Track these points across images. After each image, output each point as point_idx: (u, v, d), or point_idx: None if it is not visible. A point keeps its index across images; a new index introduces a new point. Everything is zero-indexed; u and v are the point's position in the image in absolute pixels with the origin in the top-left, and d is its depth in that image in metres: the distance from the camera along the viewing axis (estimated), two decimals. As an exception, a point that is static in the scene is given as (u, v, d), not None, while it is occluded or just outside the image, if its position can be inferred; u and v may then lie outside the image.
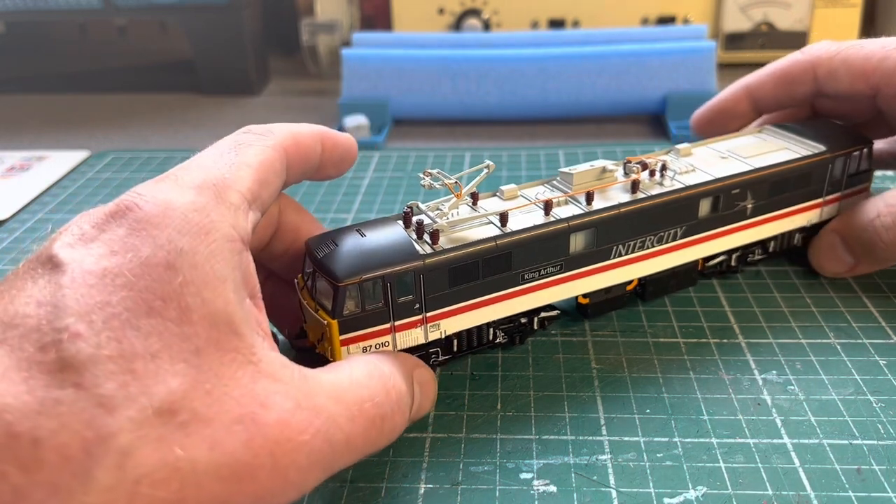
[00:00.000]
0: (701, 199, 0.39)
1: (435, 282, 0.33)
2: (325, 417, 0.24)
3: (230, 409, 0.22)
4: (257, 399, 0.23)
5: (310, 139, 0.32)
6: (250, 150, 0.29)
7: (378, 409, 0.27)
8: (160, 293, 0.23)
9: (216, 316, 0.23)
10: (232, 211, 0.26)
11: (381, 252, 0.33)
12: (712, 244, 0.41)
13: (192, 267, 0.23)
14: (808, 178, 0.43)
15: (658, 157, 0.42)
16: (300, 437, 0.23)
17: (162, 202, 0.25)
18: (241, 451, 0.22)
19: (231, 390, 0.23)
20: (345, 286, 0.31)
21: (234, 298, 0.24)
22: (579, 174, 0.38)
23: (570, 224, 0.36)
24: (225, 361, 0.23)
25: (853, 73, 0.43)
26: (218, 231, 0.25)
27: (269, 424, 0.23)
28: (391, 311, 0.33)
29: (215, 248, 0.24)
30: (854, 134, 0.45)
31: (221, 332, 0.23)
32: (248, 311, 0.25)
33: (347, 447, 0.25)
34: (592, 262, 0.38)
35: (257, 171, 0.28)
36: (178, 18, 0.84)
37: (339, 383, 0.26)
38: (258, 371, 0.24)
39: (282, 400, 0.24)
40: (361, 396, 0.26)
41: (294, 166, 0.31)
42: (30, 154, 0.70)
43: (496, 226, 0.35)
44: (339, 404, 0.25)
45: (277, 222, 0.35)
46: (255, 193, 0.28)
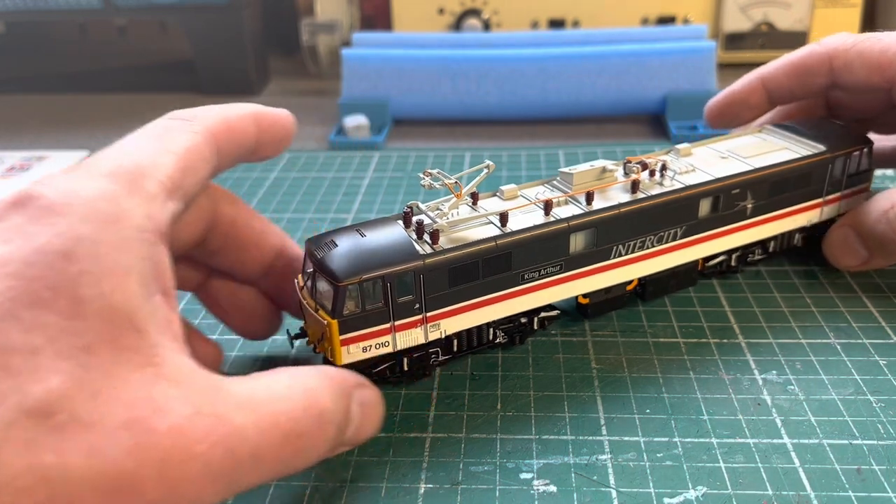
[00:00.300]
0: (701, 199, 0.39)
1: (435, 282, 0.33)
2: (230, 428, 0.22)
3: (117, 413, 0.20)
4: (152, 403, 0.21)
5: (242, 121, 0.30)
6: (174, 135, 0.27)
7: (294, 425, 0.24)
8: (51, 283, 0.21)
9: (114, 311, 0.22)
10: (147, 200, 0.24)
11: (381, 252, 0.33)
12: (712, 244, 0.41)
13: (92, 256, 0.22)
14: (808, 178, 0.43)
15: (658, 157, 0.42)
16: (195, 446, 0.21)
17: (67, 190, 0.23)
18: (125, 460, 0.20)
19: (122, 392, 0.21)
20: (345, 286, 0.31)
21: (138, 293, 0.23)
22: (579, 174, 0.38)
23: (570, 224, 0.36)
24: (119, 361, 0.21)
25: (869, 65, 0.42)
26: (127, 220, 0.23)
27: (160, 431, 0.21)
28: (391, 310, 0.33)
29: (122, 238, 0.23)
30: (854, 134, 0.45)
31: (119, 328, 0.22)
32: (156, 308, 0.23)
33: (255, 462, 0.23)
34: (592, 262, 0.38)
35: (180, 158, 0.27)
36: (178, 18, 0.84)
37: (252, 393, 0.24)
38: (158, 373, 0.22)
39: (180, 406, 0.22)
40: (276, 409, 0.24)
41: (226, 150, 0.30)
42: (30, 154, 0.70)
43: (496, 226, 0.35)
44: (248, 415, 0.23)
45: (211, 216, 0.33)
46: (176, 181, 0.26)
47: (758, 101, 0.48)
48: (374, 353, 0.34)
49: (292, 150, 0.69)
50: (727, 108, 0.49)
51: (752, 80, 0.48)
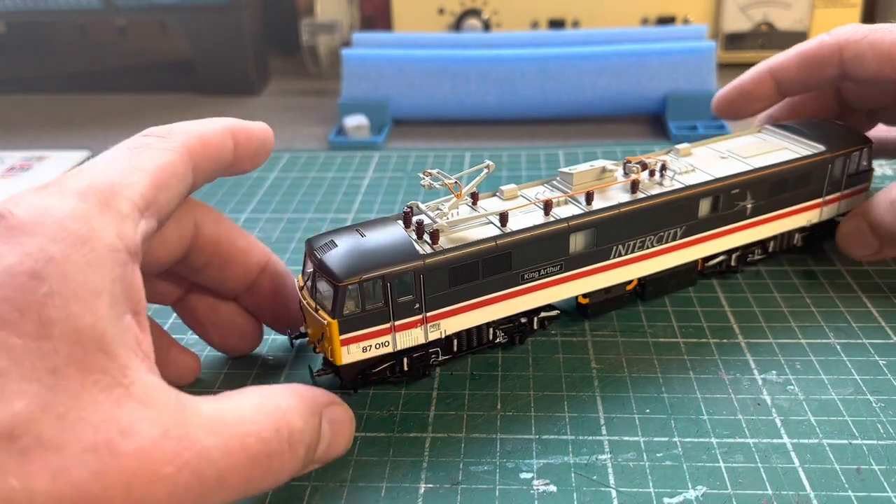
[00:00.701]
0: (701, 199, 0.39)
1: (435, 282, 0.33)
2: (197, 450, 0.22)
3: (84, 436, 0.20)
4: (118, 425, 0.21)
5: (218, 136, 0.30)
6: (148, 153, 0.27)
7: (264, 446, 0.24)
8: (18, 304, 0.21)
9: (83, 332, 0.21)
10: (118, 219, 0.24)
11: (381, 252, 0.33)
12: (712, 244, 0.41)
13: (61, 277, 0.22)
14: (807, 177, 0.43)
15: (658, 157, 0.42)
16: (162, 468, 0.21)
17: (38, 209, 0.23)
18: (91, 483, 0.20)
19: (89, 415, 0.21)
20: (345, 286, 0.31)
21: (108, 314, 0.22)
22: (579, 174, 0.38)
23: (570, 224, 0.36)
24: (87, 383, 0.21)
25: (880, 57, 0.42)
26: (98, 240, 0.23)
27: (126, 454, 0.21)
28: (391, 310, 0.33)
29: (93, 258, 0.23)
30: (854, 134, 0.45)
31: (87, 349, 0.21)
32: (126, 329, 0.23)
33: (220, 484, 0.23)
34: (592, 261, 0.38)
35: (154, 176, 0.26)
36: (178, 18, 0.84)
37: (220, 414, 0.24)
38: (127, 394, 0.22)
39: (148, 427, 0.21)
40: (245, 431, 0.24)
41: (203, 166, 0.30)
42: (30, 154, 0.70)
43: (496, 226, 0.35)
44: (215, 437, 0.23)
45: (193, 233, 0.33)
46: (149, 200, 0.26)
47: (767, 93, 0.48)
48: (374, 353, 0.34)
49: (292, 150, 0.69)
50: (736, 100, 0.49)
51: (761, 72, 0.47)
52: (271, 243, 0.51)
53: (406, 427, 0.34)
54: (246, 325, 0.37)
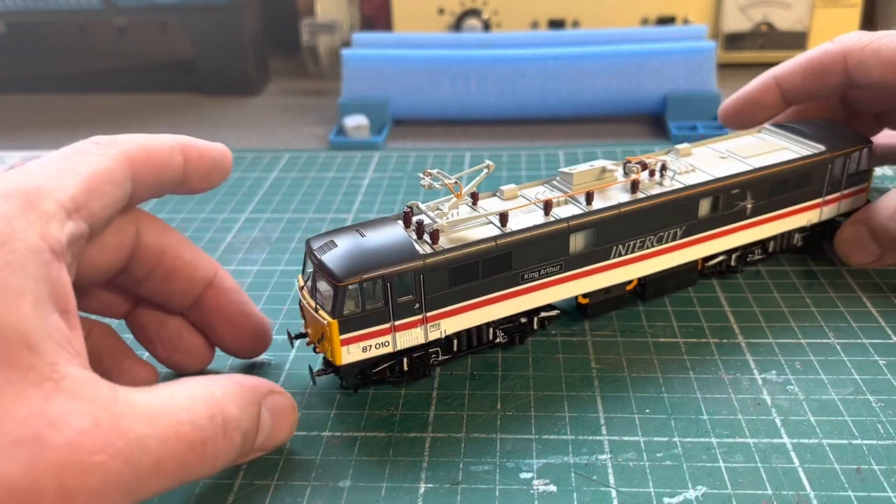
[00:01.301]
0: (701, 199, 0.39)
1: (435, 282, 0.33)
2: (129, 439, 0.23)
3: (11, 430, 0.21)
4: (46, 418, 0.21)
5: (164, 151, 0.30)
6: (85, 158, 0.28)
7: (199, 433, 0.25)
8: None
9: (6, 330, 0.22)
10: (43, 219, 0.24)
11: (381, 252, 0.33)
12: (712, 244, 0.41)
13: None
14: (807, 178, 0.43)
15: (658, 157, 0.42)
16: (93, 458, 0.22)
17: None
18: (21, 475, 0.20)
19: (15, 409, 0.21)
20: (345, 286, 0.31)
21: (32, 313, 0.23)
22: (579, 174, 0.38)
23: (570, 224, 0.36)
24: (12, 379, 0.21)
25: (884, 63, 0.42)
26: (20, 241, 0.23)
27: (56, 446, 0.21)
28: (391, 310, 0.33)
29: (14, 258, 0.23)
30: (853, 134, 0.45)
31: (12, 347, 0.22)
32: (54, 327, 0.23)
33: (157, 471, 0.23)
34: (592, 261, 0.38)
35: (87, 180, 0.27)
36: (178, 18, 0.84)
37: (154, 403, 0.24)
38: (57, 388, 0.22)
39: (77, 419, 0.22)
40: (179, 419, 0.24)
41: (145, 178, 0.30)
42: (30, 154, 0.70)
43: (496, 226, 0.35)
44: (149, 425, 0.23)
45: (134, 243, 0.32)
46: (78, 202, 0.26)
47: (773, 101, 0.48)
48: (374, 353, 0.34)
49: (292, 150, 0.69)
50: (742, 109, 0.49)
51: (766, 80, 0.48)
52: (271, 243, 0.51)
53: (406, 427, 0.34)
54: (193, 342, 0.36)
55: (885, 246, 0.42)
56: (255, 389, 0.28)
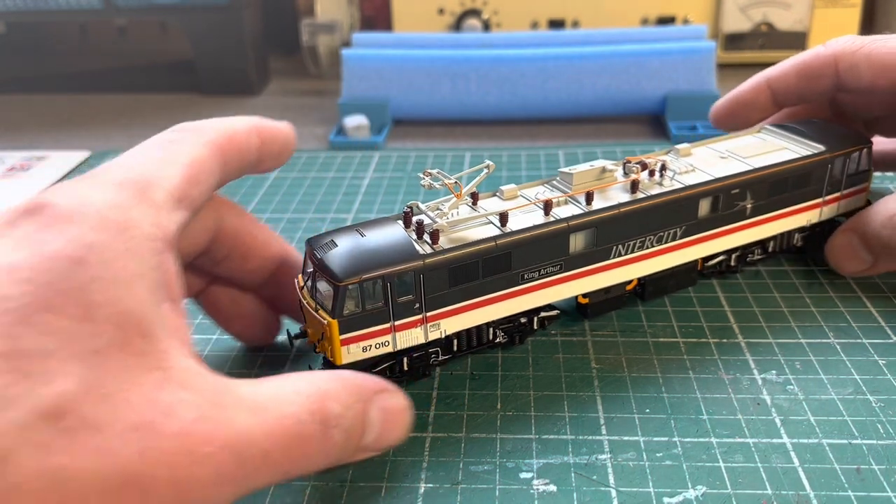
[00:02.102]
0: (700, 199, 0.39)
1: (435, 281, 0.33)
2: (237, 431, 0.22)
3: (127, 416, 0.21)
4: (160, 407, 0.21)
5: (245, 134, 0.31)
6: (180, 147, 0.28)
7: (301, 428, 0.24)
8: (62, 288, 0.21)
9: (124, 316, 0.22)
10: (154, 209, 0.25)
11: (381, 252, 0.33)
12: (712, 244, 0.41)
13: (102, 263, 0.22)
14: (807, 178, 0.43)
15: (658, 157, 0.42)
16: (203, 448, 0.22)
17: (77, 199, 0.24)
18: (135, 462, 0.20)
19: (131, 396, 0.21)
20: (345, 286, 0.31)
21: (147, 300, 0.23)
22: (579, 174, 0.38)
23: (570, 224, 0.36)
24: (129, 365, 0.22)
25: (875, 68, 0.42)
26: (136, 229, 0.24)
27: (169, 434, 0.21)
28: (391, 310, 0.33)
29: (132, 245, 0.23)
30: (853, 134, 0.45)
31: (129, 333, 0.22)
32: (165, 316, 0.24)
33: (263, 464, 0.23)
34: (592, 261, 0.38)
35: (187, 169, 0.27)
36: (178, 18, 0.84)
37: (259, 396, 0.24)
38: (166, 377, 0.22)
39: (187, 409, 0.22)
40: (283, 412, 0.24)
41: (230, 163, 0.30)
42: (30, 154, 0.70)
43: (496, 226, 0.35)
44: (254, 418, 0.23)
45: (215, 226, 0.33)
46: (182, 192, 0.27)
47: (764, 103, 0.48)
48: (374, 353, 0.34)
49: (292, 150, 0.69)
50: (733, 110, 0.49)
51: (758, 82, 0.48)
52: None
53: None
54: (265, 316, 0.38)
55: (877, 254, 0.42)
56: (362, 387, 0.28)
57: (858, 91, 0.45)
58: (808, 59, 0.46)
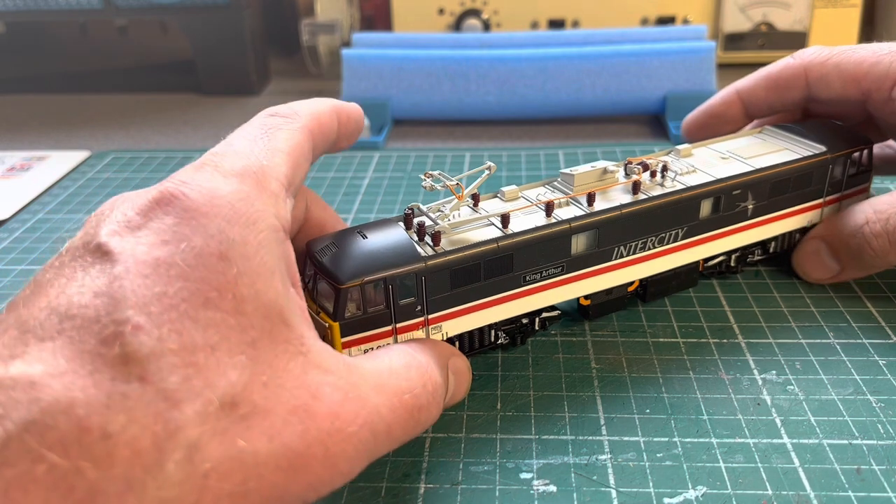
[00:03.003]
0: (702, 199, 0.39)
1: (437, 284, 0.33)
2: (370, 408, 0.25)
3: (286, 401, 0.23)
4: (309, 390, 0.23)
5: (329, 116, 0.32)
6: (280, 134, 0.29)
7: (416, 400, 0.27)
8: (215, 284, 0.22)
9: (268, 307, 0.23)
10: (273, 199, 0.26)
11: (382, 254, 0.32)
12: (713, 245, 0.41)
13: (243, 258, 0.23)
14: (808, 178, 0.43)
15: (659, 157, 0.42)
16: (349, 427, 0.24)
17: (208, 191, 0.24)
18: (297, 442, 0.22)
19: (285, 381, 0.23)
20: (346, 288, 0.31)
21: (282, 289, 0.24)
22: (581, 175, 0.38)
23: (572, 225, 0.36)
24: (278, 353, 0.23)
25: (844, 77, 0.43)
26: (264, 221, 0.25)
27: (321, 416, 0.23)
28: (393, 313, 0.33)
29: (263, 238, 0.24)
30: (854, 134, 0.45)
31: (274, 323, 0.23)
32: (294, 301, 0.25)
33: (388, 436, 0.26)
34: (594, 263, 0.38)
35: (290, 157, 0.28)
36: (178, 18, 0.84)
37: (380, 374, 0.27)
38: (308, 362, 0.24)
39: (331, 391, 0.24)
40: (401, 387, 0.27)
41: (318, 146, 0.31)
42: (30, 154, 0.70)
43: (498, 227, 0.35)
44: (381, 395, 0.26)
45: (304, 215, 0.35)
46: (290, 179, 0.28)
47: (735, 115, 0.49)
48: None
49: (292, 151, 0.69)
50: (705, 123, 0.50)
51: (728, 95, 0.48)
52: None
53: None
54: None
55: (844, 262, 0.42)
56: (443, 353, 0.31)
57: (829, 101, 0.45)
58: (777, 70, 0.46)
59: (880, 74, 0.42)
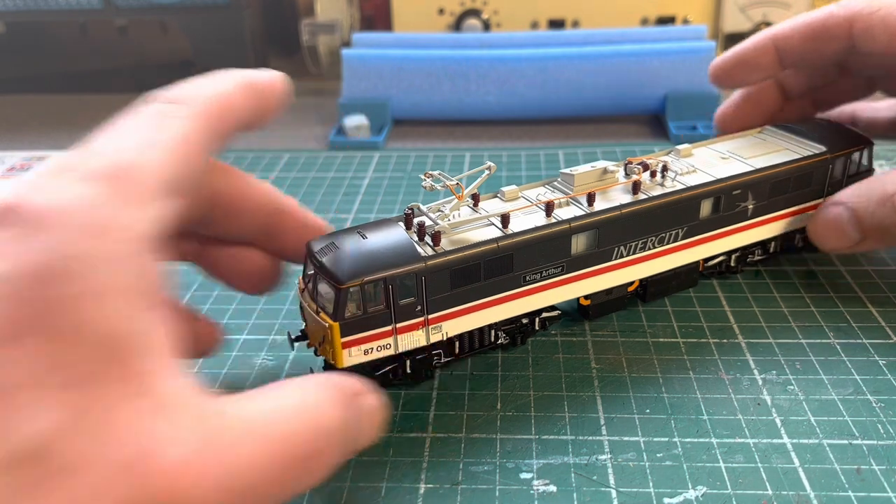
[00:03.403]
0: (702, 199, 0.39)
1: (437, 284, 0.33)
2: (229, 463, 0.21)
3: (114, 454, 0.19)
4: (151, 440, 0.19)
5: (235, 95, 0.28)
6: (169, 123, 0.25)
7: (304, 448, 0.23)
8: (36, 311, 0.19)
9: (108, 336, 0.20)
10: (137, 204, 0.22)
11: (382, 254, 0.32)
12: (713, 245, 0.41)
13: (81, 277, 0.20)
14: (808, 178, 0.43)
15: (659, 157, 0.42)
16: (193, 489, 0.20)
17: (54, 199, 0.21)
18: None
19: (117, 429, 0.19)
20: (346, 288, 0.31)
21: (131, 314, 0.21)
22: (580, 175, 0.38)
23: (572, 225, 0.36)
24: (114, 393, 0.19)
25: (891, 32, 0.41)
26: (118, 231, 0.21)
27: (159, 472, 0.19)
28: (393, 313, 0.33)
29: (113, 251, 0.21)
30: (855, 134, 0.45)
31: (111, 356, 0.20)
32: (149, 327, 0.21)
33: (266, 488, 0.22)
34: (594, 263, 0.38)
35: (178, 149, 0.25)
36: (178, 18, 0.84)
37: (259, 417, 0.22)
38: (155, 405, 0.20)
39: (181, 442, 0.20)
40: (286, 432, 0.23)
41: (223, 129, 0.28)
42: (30, 154, 0.70)
43: (498, 227, 0.35)
44: (257, 443, 0.22)
45: (210, 194, 0.31)
46: (174, 175, 0.24)
47: (768, 64, 0.46)
48: (375, 356, 0.34)
49: (292, 150, 0.69)
50: (735, 68, 0.47)
51: (763, 41, 0.45)
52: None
53: (406, 427, 0.34)
54: (266, 265, 0.35)
55: (867, 231, 0.40)
56: (351, 391, 0.26)
57: (871, 55, 0.43)
58: (821, 18, 0.43)
59: None
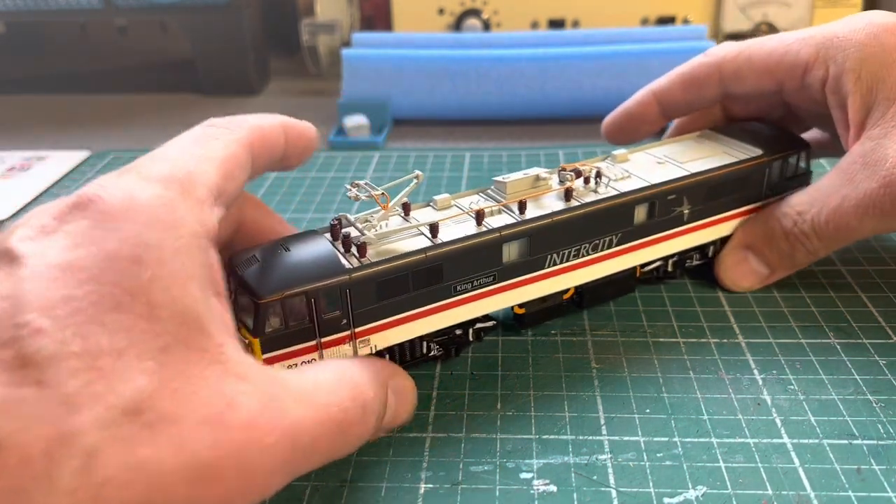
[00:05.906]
0: (636, 205, 0.39)
1: (362, 296, 0.32)
2: (291, 420, 0.24)
3: (197, 410, 0.22)
4: (224, 399, 0.22)
5: (274, 131, 0.32)
6: (216, 143, 0.28)
7: (344, 415, 0.26)
8: (127, 288, 0.22)
9: (184, 313, 0.23)
10: (198, 206, 0.25)
11: (305, 267, 0.31)
12: (649, 251, 0.41)
13: (159, 262, 0.23)
14: (745, 181, 0.42)
15: (593, 163, 0.41)
16: (266, 438, 0.23)
17: (127, 195, 0.24)
18: (208, 453, 0.21)
19: (198, 390, 0.22)
20: (266, 303, 0.30)
21: (200, 296, 0.24)
22: (513, 183, 0.37)
23: (503, 234, 0.35)
24: (192, 360, 0.22)
25: (757, 70, 0.43)
26: (185, 226, 0.24)
27: (236, 426, 0.22)
28: (317, 327, 0.31)
29: (182, 243, 0.24)
30: (792, 137, 0.45)
31: (189, 329, 0.23)
32: (214, 309, 0.24)
33: (312, 451, 0.25)
34: (526, 271, 0.37)
35: (223, 165, 0.28)
36: (178, 18, 0.84)
37: (307, 386, 0.26)
38: (225, 371, 0.23)
39: (248, 401, 0.23)
40: (328, 401, 0.26)
41: (259, 159, 0.31)
42: (30, 154, 0.70)
43: (427, 237, 0.34)
44: (304, 406, 0.25)
45: (239, 219, 0.34)
46: (220, 188, 0.27)
47: (651, 116, 0.48)
48: None
49: (292, 150, 0.69)
50: (624, 125, 0.49)
51: (644, 96, 0.48)
52: (271, 243, 0.51)
53: (406, 427, 0.34)
54: None
55: (775, 265, 0.42)
56: (382, 371, 0.30)
57: (745, 95, 0.45)
58: (691, 69, 0.46)
59: (791, 63, 0.42)
